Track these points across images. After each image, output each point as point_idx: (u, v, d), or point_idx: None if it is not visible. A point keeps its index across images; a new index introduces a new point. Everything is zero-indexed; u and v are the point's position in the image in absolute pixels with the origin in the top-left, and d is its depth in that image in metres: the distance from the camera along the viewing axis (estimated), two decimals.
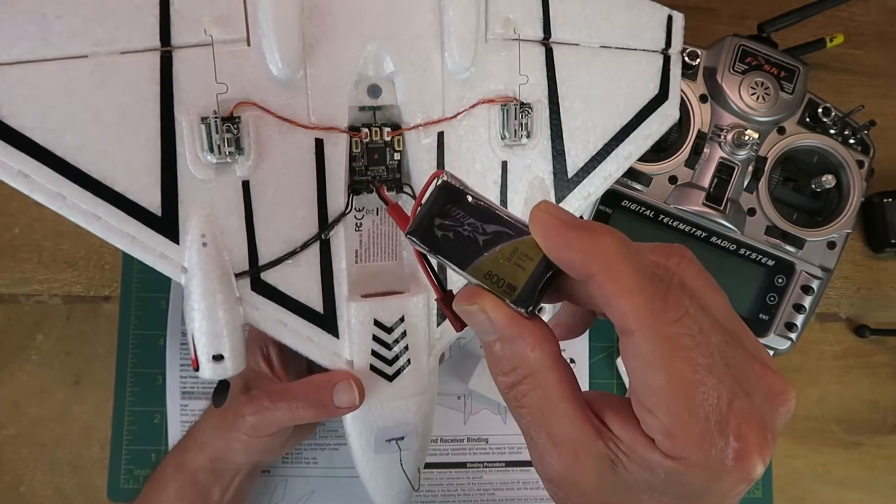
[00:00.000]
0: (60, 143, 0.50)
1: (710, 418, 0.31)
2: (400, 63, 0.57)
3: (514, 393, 0.36)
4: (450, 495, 0.83)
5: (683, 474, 0.32)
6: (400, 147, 0.58)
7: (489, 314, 0.35)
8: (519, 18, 0.60)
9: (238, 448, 0.64)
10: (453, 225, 0.36)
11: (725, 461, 0.31)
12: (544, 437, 0.35)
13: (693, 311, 0.32)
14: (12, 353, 0.81)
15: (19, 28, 0.48)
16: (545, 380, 0.35)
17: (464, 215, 0.36)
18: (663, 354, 0.31)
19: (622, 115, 0.67)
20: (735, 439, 0.31)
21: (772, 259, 0.78)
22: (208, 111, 0.52)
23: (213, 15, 0.52)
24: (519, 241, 0.35)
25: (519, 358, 0.35)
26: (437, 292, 0.39)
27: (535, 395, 0.35)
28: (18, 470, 0.80)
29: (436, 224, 0.36)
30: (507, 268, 0.35)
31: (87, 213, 0.51)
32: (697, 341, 0.32)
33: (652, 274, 0.33)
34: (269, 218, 0.55)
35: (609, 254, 0.32)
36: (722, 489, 0.32)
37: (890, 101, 0.90)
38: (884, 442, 0.87)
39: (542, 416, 0.35)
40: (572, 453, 0.35)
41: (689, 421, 0.31)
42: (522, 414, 0.36)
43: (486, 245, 0.36)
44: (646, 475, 0.33)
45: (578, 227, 0.34)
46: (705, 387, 0.31)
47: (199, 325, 0.53)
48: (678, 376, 0.31)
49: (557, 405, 0.35)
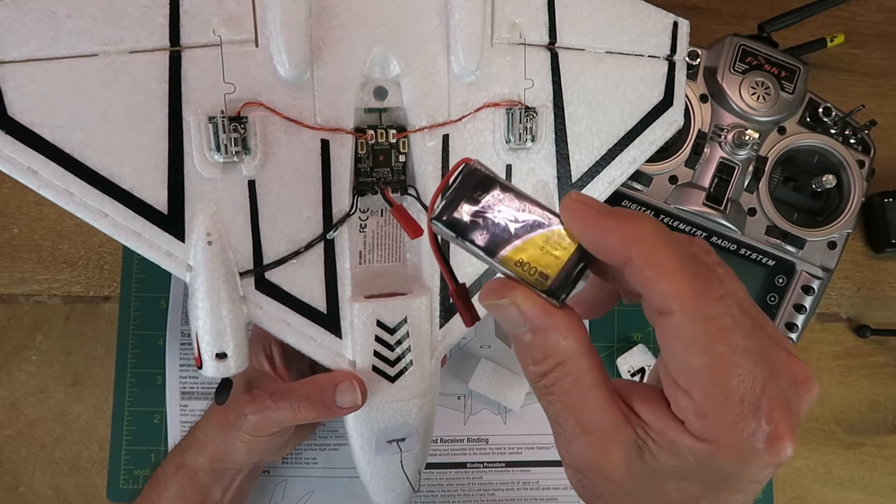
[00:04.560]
0: (69, 141, 0.50)
1: (744, 401, 0.31)
2: (406, 66, 0.57)
3: (544, 381, 0.36)
4: (450, 495, 0.83)
5: (713, 458, 0.32)
6: (405, 149, 0.59)
7: (521, 307, 0.35)
8: (525, 23, 0.61)
9: (239, 447, 0.64)
10: (482, 212, 0.35)
11: (756, 444, 0.32)
12: (573, 424, 0.35)
13: (732, 292, 0.33)
14: (12, 353, 0.81)
15: (30, 26, 0.48)
16: (577, 367, 0.35)
17: (493, 202, 0.35)
18: (705, 335, 0.32)
19: (626, 120, 0.67)
20: (766, 423, 0.31)
21: (772, 259, 0.78)
22: (216, 111, 0.52)
23: (222, 16, 0.52)
24: (551, 230, 0.35)
25: (551, 347, 0.35)
26: (450, 284, 0.39)
27: (565, 382, 0.35)
28: (18, 470, 0.80)
29: (464, 210, 0.35)
30: (540, 257, 0.35)
31: (94, 210, 0.51)
32: (737, 322, 0.32)
33: (691, 256, 0.33)
34: (274, 217, 0.55)
35: (648, 238, 0.33)
36: (750, 473, 0.33)
37: (890, 101, 0.91)
38: (884, 442, 0.88)
39: (572, 404, 0.35)
40: (601, 440, 0.35)
41: (724, 403, 0.31)
42: (552, 402, 0.36)
43: (518, 233, 0.35)
44: (674, 461, 0.33)
45: (613, 214, 0.34)
46: (742, 369, 0.31)
47: (203, 323, 0.53)
48: (718, 357, 0.31)
49: (588, 392, 0.35)
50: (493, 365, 0.81)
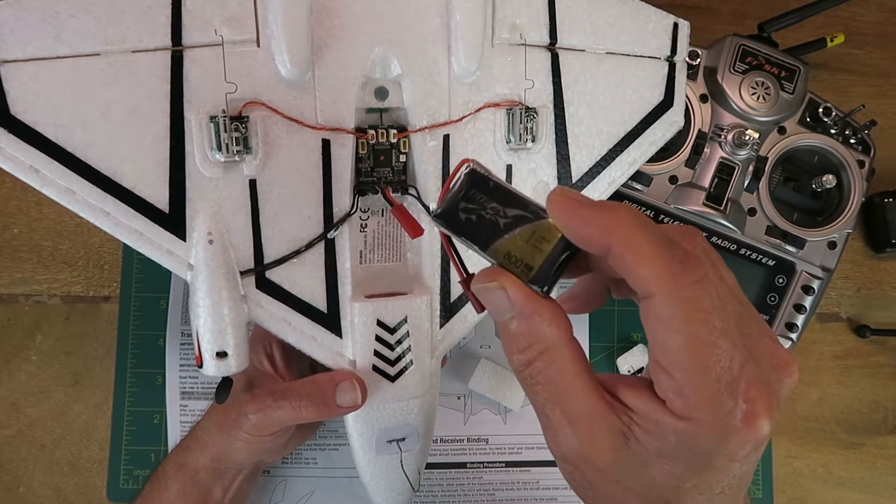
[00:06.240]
0: (71, 140, 0.50)
1: (721, 380, 0.32)
2: (407, 66, 0.57)
3: (529, 370, 0.37)
4: (450, 495, 0.83)
5: (693, 436, 0.33)
6: (406, 149, 0.59)
7: (507, 290, 0.37)
8: (525, 24, 0.61)
9: (240, 447, 0.64)
10: (476, 209, 0.37)
11: (733, 422, 0.33)
12: (559, 414, 0.36)
13: (712, 276, 0.34)
14: (12, 353, 0.81)
15: (33, 26, 0.48)
16: (560, 356, 0.36)
17: (487, 199, 0.37)
18: (682, 315, 0.33)
19: (627, 121, 0.67)
20: (744, 401, 0.33)
21: (772, 259, 0.78)
22: (217, 110, 0.52)
23: (224, 16, 0.52)
24: (537, 224, 0.37)
25: (535, 334, 0.37)
26: (460, 275, 0.41)
27: (550, 371, 0.36)
28: (18, 470, 0.80)
29: (460, 208, 0.38)
30: (526, 249, 0.37)
31: (95, 209, 0.51)
32: (715, 305, 0.33)
33: (669, 241, 0.34)
34: (275, 217, 0.56)
35: (626, 226, 0.34)
36: (728, 451, 0.34)
37: (890, 101, 0.91)
38: (884, 442, 0.88)
39: (557, 393, 0.36)
40: (587, 429, 0.36)
41: (701, 381, 0.33)
42: (538, 392, 0.37)
43: (507, 228, 0.37)
44: (658, 443, 0.34)
45: (595, 205, 0.35)
46: (719, 349, 0.32)
47: (204, 322, 0.53)
48: (694, 337, 0.33)
49: (573, 381, 0.36)
50: (493, 365, 0.81)
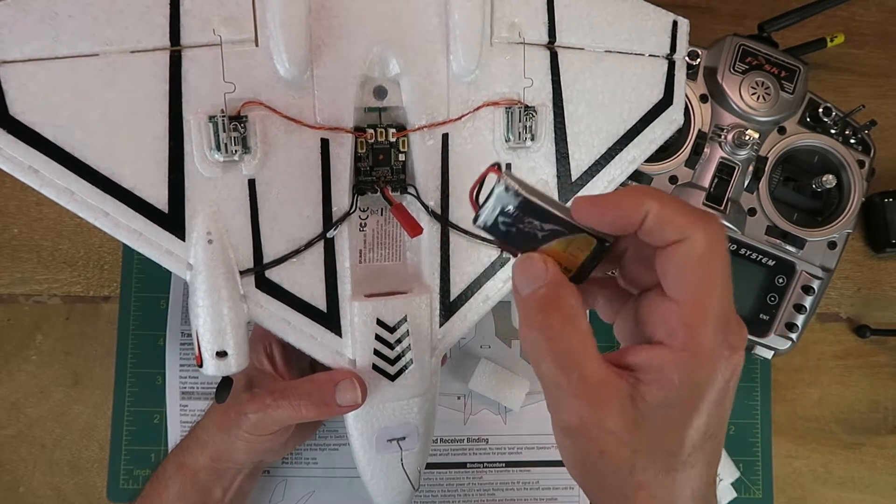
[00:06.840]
0: (70, 140, 0.50)
1: (720, 317, 0.38)
2: (405, 65, 0.57)
3: (549, 333, 0.40)
4: (450, 495, 0.83)
5: (692, 365, 0.38)
6: (405, 148, 0.59)
7: (548, 264, 0.41)
8: (524, 22, 0.61)
9: (240, 446, 0.64)
10: (513, 223, 0.42)
11: (723, 351, 0.39)
12: (577, 379, 0.39)
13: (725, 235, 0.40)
14: (12, 353, 0.80)
15: (32, 26, 0.48)
16: (582, 327, 0.40)
17: (522, 215, 0.41)
18: (709, 257, 0.38)
19: (626, 119, 0.67)
20: (730, 335, 0.39)
21: (772, 259, 0.78)
22: (216, 110, 0.53)
23: (222, 15, 0.52)
24: (571, 237, 0.42)
25: (563, 300, 0.41)
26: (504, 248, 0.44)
27: (570, 336, 0.40)
28: (18, 470, 0.80)
29: (500, 222, 0.42)
30: (563, 256, 0.42)
31: (95, 209, 0.51)
32: (728, 256, 0.39)
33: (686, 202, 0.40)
34: (274, 216, 0.56)
35: (654, 193, 0.39)
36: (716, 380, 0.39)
37: (890, 101, 0.91)
38: (884, 442, 0.87)
39: (577, 359, 0.40)
40: (601, 393, 0.39)
41: (705, 314, 0.38)
42: (557, 357, 0.40)
43: (544, 239, 0.42)
44: (662, 392, 0.39)
45: (617, 192, 0.40)
46: (724, 290, 0.39)
47: (204, 322, 0.54)
48: (712, 276, 0.38)
49: (590, 349, 0.40)
50: (493, 365, 0.81)
